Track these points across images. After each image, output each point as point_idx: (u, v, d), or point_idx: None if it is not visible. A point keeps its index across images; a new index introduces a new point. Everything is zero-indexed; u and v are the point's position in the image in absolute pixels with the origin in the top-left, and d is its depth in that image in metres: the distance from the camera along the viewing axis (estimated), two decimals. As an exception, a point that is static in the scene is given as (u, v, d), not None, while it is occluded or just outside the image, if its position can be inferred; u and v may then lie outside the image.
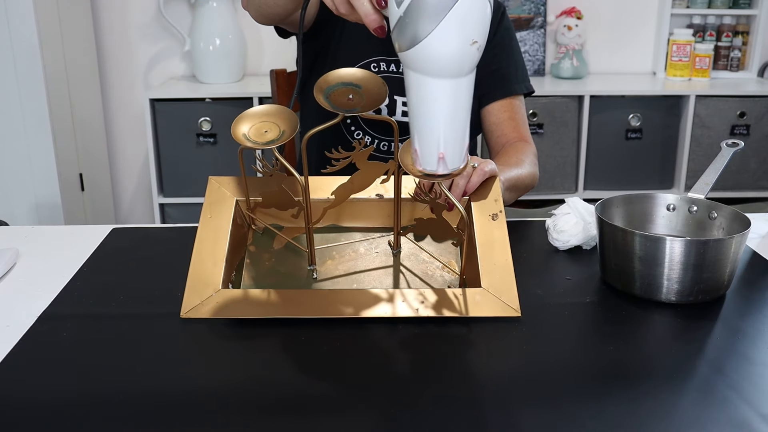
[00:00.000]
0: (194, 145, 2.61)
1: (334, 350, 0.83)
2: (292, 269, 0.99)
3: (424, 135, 0.79)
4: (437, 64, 0.73)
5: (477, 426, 0.70)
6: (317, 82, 0.88)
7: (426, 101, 0.76)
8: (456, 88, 0.75)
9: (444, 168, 0.80)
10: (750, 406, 0.73)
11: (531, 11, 2.86)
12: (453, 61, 0.73)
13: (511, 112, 1.42)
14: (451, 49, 0.72)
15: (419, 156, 0.81)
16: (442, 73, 0.74)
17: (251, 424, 0.71)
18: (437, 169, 0.80)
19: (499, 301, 0.89)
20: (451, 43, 0.72)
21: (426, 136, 0.79)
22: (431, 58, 0.73)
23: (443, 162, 0.79)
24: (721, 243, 0.91)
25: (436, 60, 0.73)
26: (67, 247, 1.13)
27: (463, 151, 0.81)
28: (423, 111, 0.77)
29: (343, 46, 1.37)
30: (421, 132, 0.79)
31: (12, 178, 2.43)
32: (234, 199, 1.01)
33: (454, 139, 0.79)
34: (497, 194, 1.01)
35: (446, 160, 0.79)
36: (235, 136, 0.89)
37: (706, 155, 2.70)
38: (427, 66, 0.74)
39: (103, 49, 2.84)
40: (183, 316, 0.88)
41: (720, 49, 2.90)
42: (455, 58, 0.73)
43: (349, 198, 0.98)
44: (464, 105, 0.77)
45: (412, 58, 0.74)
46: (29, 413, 0.72)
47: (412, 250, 1.02)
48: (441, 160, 0.79)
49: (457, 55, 0.73)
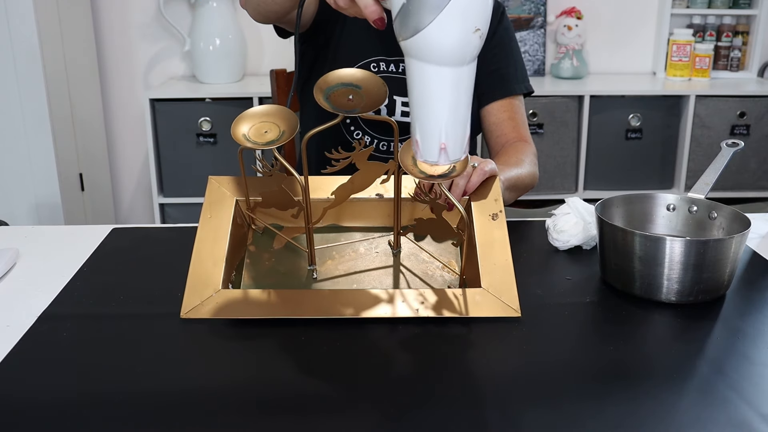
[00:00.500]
0: (194, 145, 2.61)
1: (334, 350, 0.83)
2: (292, 269, 0.99)
3: (425, 125, 0.78)
4: (440, 51, 0.73)
5: (477, 426, 0.70)
6: (317, 83, 0.88)
7: (428, 90, 0.76)
8: (458, 77, 0.75)
9: (445, 159, 0.80)
10: (750, 406, 0.73)
11: (531, 11, 2.86)
12: (456, 49, 0.73)
13: (510, 112, 1.42)
14: (454, 36, 0.72)
15: (420, 147, 0.80)
16: (444, 61, 0.74)
17: (251, 424, 0.71)
18: (438, 159, 0.80)
19: (499, 301, 0.89)
20: (454, 31, 0.72)
21: (427, 126, 0.78)
22: (434, 46, 0.72)
23: (444, 152, 0.79)
24: (721, 243, 0.91)
25: (439, 48, 0.73)
26: (67, 247, 1.13)
27: (464, 142, 0.80)
28: (425, 100, 0.77)
29: (342, 45, 1.37)
30: (422, 122, 0.79)
31: (12, 178, 2.43)
32: (234, 199, 1.01)
33: (456, 130, 0.78)
34: (497, 194, 1.01)
35: (448, 150, 0.79)
36: (235, 137, 0.89)
37: (706, 155, 2.70)
38: (429, 54, 0.73)
39: (103, 49, 2.84)
40: (183, 317, 0.88)
41: (720, 49, 2.90)
42: (458, 46, 0.73)
43: (349, 198, 0.98)
44: (466, 95, 0.77)
45: (414, 47, 0.74)
46: (29, 413, 0.72)
47: (412, 250, 1.02)
48: (443, 151, 0.79)
49: (460, 43, 0.73)
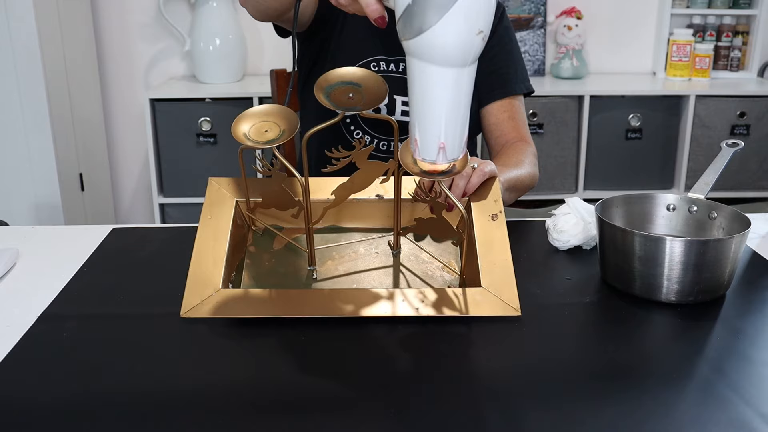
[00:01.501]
0: (194, 145, 2.61)
1: (334, 350, 0.83)
2: (292, 270, 0.99)
3: (425, 124, 0.79)
4: (443, 53, 0.74)
5: (477, 426, 0.70)
6: (317, 81, 0.89)
7: (429, 90, 0.77)
8: (459, 78, 0.76)
9: (444, 158, 0.80)
10: (750, 406, 0.73)
11: (531, 11, 2.86)
12: (459, 50, 0.74)
13: (510, 112, 1.42)
14: (457, 38, 0.73)
15: (419, 145, 0.80)
16: (447, 62, 0.74)
17: (251, 424, 0.71)
18: (437, 159, 0.80)
19: (499, 300, 0.89)
20: (457, 33, 0.72)
21: (427, 125, 0.79)
22: (438, 47, 0.73)
23: (443, 151, 0.79)
24: (721, 243, 0.91)
25: (443, 49, 0.73)
26: (67, 247, 1.13)
27: (462, 141, 0.81)
28: (425, 100, 0.77)
29: (342, 45, 1.37)
30: (422, 121, 0.79)
31: (12, 178, 2.43)
32: (234, 200, 1.01)
33: (455, 129, 0.79)
34: (497, 195, 1.01)
35: (446, 149, 0.79)
36: (236, 135, 0.89)
37: (706, 155, 2.70)
38: (432, 55, 0.74)
39: (103, 49, 2.84)
40: (183, 316, 0.88)
41: (720, 49, 2.90)
42: (461, 48, 0.74)
43: (349, 198, 0.98)
44: (466, 95, 0.78)
45: (418, 47, 0.74)
46: (29, 413, 0.72)
47: (412, 250, 1.02)
48: (441, 150, 0.79)
49: (463, 45, 0.73)
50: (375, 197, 1.03)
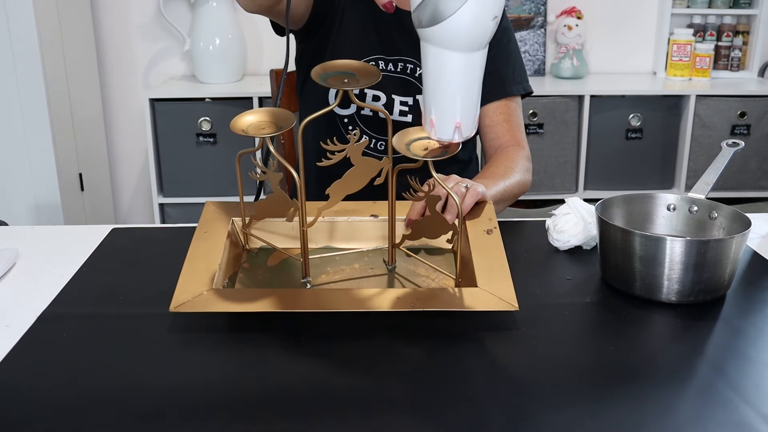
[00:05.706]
0: (194, 145, 2.61)
1: (334, 350, 0.83)
2: (286, 283, 0.99)
3: (441, 106, 0.83)
4: (460, 38, 0.78)
5: (477, 426, 0.70)
6: (314, 69, 0.92)
7: (444, 74, 0.81)
8: (473, 61, 0.80)
9: (459, 136, 0.85)
10: (750, 406, 0.73)
11: (531, 11, 2.86)
12: (475, 36, 0.78)
13: (506, 114, 1.41)
14: (475, 25, 0.77)
15: (435, 126, 0.85)
16: (463, 47, 0.78)
17: (250, 424, 0.70)
18: (453, 137, 0.85)
19: (495, 297, 0.88)
20: (476, 20, 0.76)
21: (443, 107, 0.83)
22: (455, 34, 0.77)
23: (459, 131, 0.84)
24: (721, 243, 0.91)
25: (460, 35, 0.77)
26: (67, 247, 1.13)
27: (475, 119, 0.86)
28: (441, 83, 0.82)
29: (340, 44, 1.37)
30: (438, 103, 0.83)
31: (12, 178, 2.43)
32: (230, 219, 1.04)
33: (469, 109, 0.84)
34: (491, 214, 1.04)
35: (462, 128, 0.84)
36: (235, 129, 0.91)
37: (707, 155, 2.70)
38: (449, 41, 0.78)
39: (103, 49, 2.84)
40: (172, 310, 0.85)
41: (720, 49, 2.90)
42: (478, 33, 0.78)
43: (344, 219, 1.00)
44: (478, 76, 0.83)
45: (436, 34, 0.78)
46: (29, 413, 0.72)
47: (408, 265, 1.02)
48: (457, 129, 0.84)
49: (480, 30, 0.77)
50: (370, 217, 1.04)
